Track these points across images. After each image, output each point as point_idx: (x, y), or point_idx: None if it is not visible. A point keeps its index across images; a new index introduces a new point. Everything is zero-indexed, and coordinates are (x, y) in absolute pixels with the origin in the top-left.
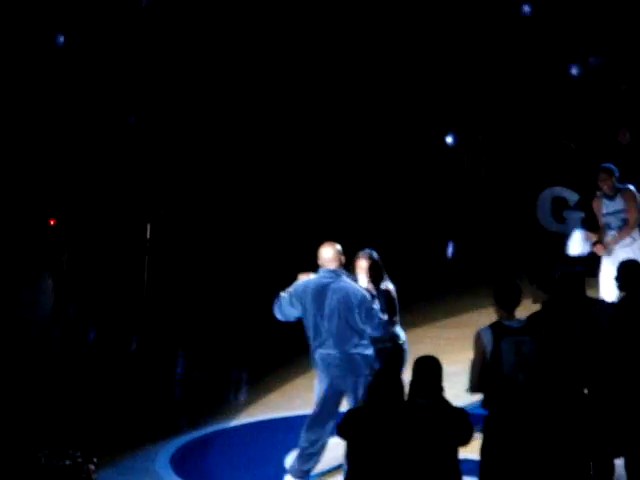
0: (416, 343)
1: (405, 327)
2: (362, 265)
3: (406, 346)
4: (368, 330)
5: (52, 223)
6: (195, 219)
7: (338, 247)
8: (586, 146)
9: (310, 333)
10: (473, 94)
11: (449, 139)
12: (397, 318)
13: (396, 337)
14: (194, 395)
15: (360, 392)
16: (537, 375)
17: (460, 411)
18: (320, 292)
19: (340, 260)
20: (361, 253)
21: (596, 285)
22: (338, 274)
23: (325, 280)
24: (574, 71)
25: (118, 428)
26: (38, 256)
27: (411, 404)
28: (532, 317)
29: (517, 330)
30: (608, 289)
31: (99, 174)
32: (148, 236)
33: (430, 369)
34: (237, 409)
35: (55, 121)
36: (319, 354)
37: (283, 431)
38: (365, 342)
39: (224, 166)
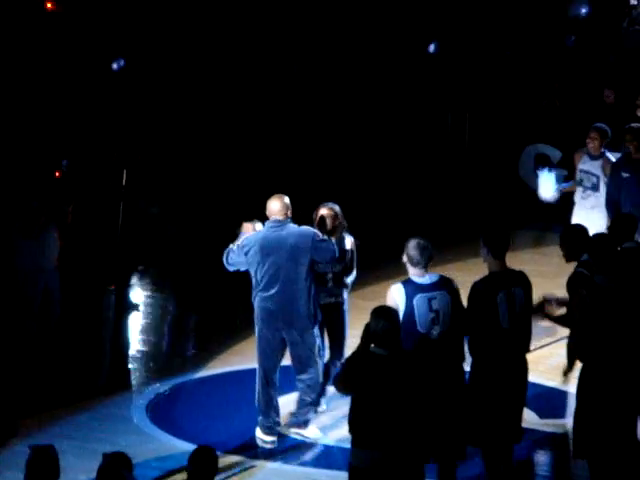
0: (380, 297)
1: (373, 282)
2: (322, 213)
3: (345, 304)
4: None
5: (58, 176)
6: (171, 166)
7: (286, 199)
8: (571, 104)
9: (256, 284)
10: (457, 53)
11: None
12: (353, 272)
13: (342, 291)
14: (171, 343)
15: (304, 344)
16: (450, 330)
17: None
18: (270, 241)
19: (287, 212)
20: (322, 204)
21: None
22: (284, 222)
23: (273, 230)
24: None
25: (95, 375)
26: (44, 208)
27: (368, 354)
28: (476, 284)
29: (429, 286)
30: None
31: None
32: (124, 183)
33: (391, 319)
34: (214, 358)
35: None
36: (263, 305)
37: None
38: (311, 296)
39: (199, 114)
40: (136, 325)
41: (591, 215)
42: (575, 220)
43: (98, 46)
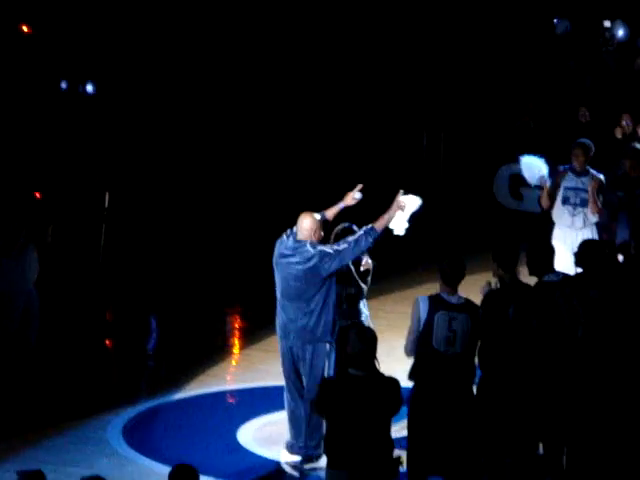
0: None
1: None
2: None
3: (367, 323)
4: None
5: (38, 196)
6: (155, 187)
7: (317, 218)
8: (545, 123)
9: (277, 298)
10: (434, 71)
11: None
12: (364, 293)
13: (358, 314)
14: (148, 365)
15: (318, 361)
16: (464, 353)
17: (393, 381)
18: (281, 260)
19: (312, 233)
20: (339, 227)
21: None
22: (302, 244)
23: (290, 250)
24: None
25: (70, 396)
26: (23, 228)
27: (345, 375)
28: (489, 295)
29: (454, 306)
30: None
31: (62, 144)
32: (106, 205)
33: (367, 340)
34: (191, 380)
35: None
36: (278, 319)
37: (237, 403)
38: (324, 315)
39: (183, 134)
40: (112, 346)
41: (581, 235)
42: (563, 240)
43: (77, 69)
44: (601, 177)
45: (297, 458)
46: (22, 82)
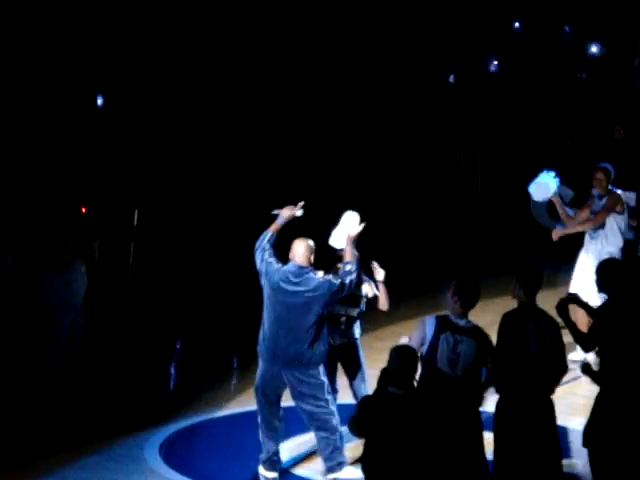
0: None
1: (386, 320)
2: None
3: (358, 343)
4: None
5: (84, 211)
6: (183, 206)
7: (310, 242)
8: (582, 142)
9: (263, 317)
10: (469, 91)
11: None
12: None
13: (351, 334)
14: (185, 383)
15: (311, 382)
16: (467, 377)
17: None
18: (283, 293)
19: (310, 258)
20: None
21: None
22: (305, 272)
23: (292, 281)
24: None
25: (108, 415)
26: (69, 243)
27: (384, 394)
28: (507, 315)
29: (460, 329)
30: (580, 285)
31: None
32: (135, 222)
33: (407, 358)
34: (228, 398)
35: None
36: (264, 344)
37: None
38: (317, 337)
39: (211, 153)
40: (151, 365)
41: (601, 255)
42: (582, 261)
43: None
44: (617, 192)
45: (273, 474)
46: (58, 97)
